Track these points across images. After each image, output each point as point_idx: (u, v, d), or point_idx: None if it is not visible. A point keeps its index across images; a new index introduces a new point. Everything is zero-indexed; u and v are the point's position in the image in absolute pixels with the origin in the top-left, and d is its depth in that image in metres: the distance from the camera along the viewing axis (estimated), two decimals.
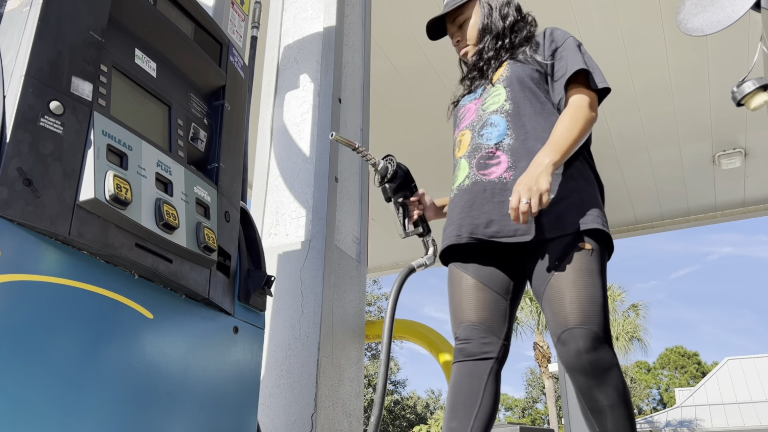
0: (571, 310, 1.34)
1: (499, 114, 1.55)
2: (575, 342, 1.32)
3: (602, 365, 1.32)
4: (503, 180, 1.47)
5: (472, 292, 1.50)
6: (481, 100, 1.64)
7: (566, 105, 1.51)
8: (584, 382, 1.32)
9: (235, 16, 1.90)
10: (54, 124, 1.05)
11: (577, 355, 1.32)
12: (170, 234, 1.22)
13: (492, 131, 1.54)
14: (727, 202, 5.92)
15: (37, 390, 0.97)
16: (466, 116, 1.66)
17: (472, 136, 1.59)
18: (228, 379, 1.40)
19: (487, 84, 1.65)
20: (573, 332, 1.32)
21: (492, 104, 1.59)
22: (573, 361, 1.33)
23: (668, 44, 3.98)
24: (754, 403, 19.32)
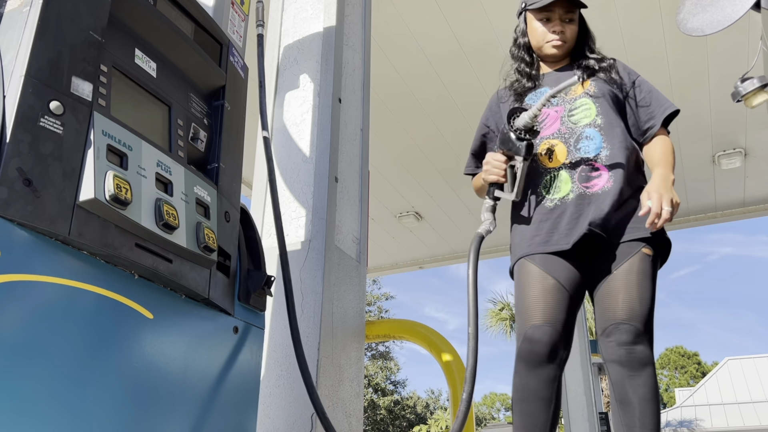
0: (621, 307, 1.46)
1: (592, 128, 1.65)
2: (618, 334, 1.44)
3: (638, 359, 1.43)
4: (606, 190, 1.59)
5: (552, 291, 1.53)
6: (563, 108, 1.69)
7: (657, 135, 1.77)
8: (619, 372, 1.44)
9: (235, 16, 1.90)
10: (54, 124, 1.05)
11: (617, 345, 1.44)
12: (170, 234, 1.22)
13: (589, 145, 1.63)
14: (727, 202, 5.92)
15: (36, 390, 0.97)
16: (548, 123, 1.69)
17: (567, 149, 1.64)
18: (228, 379, 1.40)
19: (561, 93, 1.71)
20: (619, 326, 1.45)
21: (584, 118, 1.67)
22: (612, 352, 1.45)
23: (668, 44, 3.99)
24: (754, 403, 19.32)
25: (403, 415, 27.78)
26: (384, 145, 4.90)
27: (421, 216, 6.11)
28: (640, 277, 1.48)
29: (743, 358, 21.75)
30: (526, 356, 1.48)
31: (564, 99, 1.71)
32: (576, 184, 1.60)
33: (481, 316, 7.63)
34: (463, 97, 4.44)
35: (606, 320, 1.47)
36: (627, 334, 1.43)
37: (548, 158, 1.66)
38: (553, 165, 1.65)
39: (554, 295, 1.51)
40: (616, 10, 3.73)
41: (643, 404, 1.41)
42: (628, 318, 1.44)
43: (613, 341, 1.44)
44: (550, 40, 1.78)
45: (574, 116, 1.67)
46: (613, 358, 1.44)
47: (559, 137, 1.66)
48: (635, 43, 3.98)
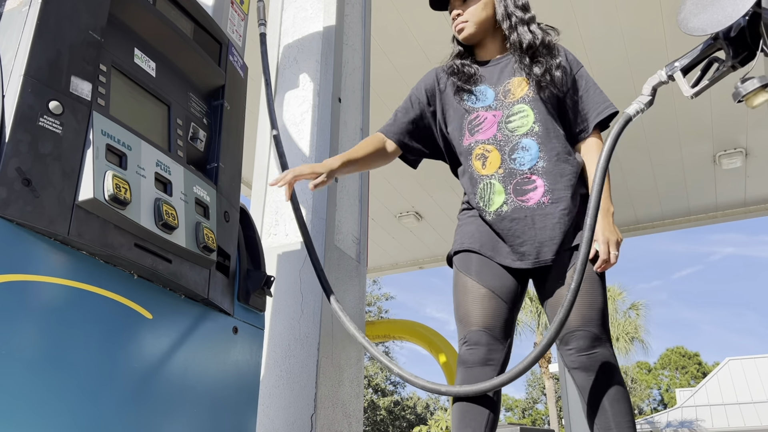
0: (574, 314, 1.45)
1: (529, 137, 1.59)
2: (575, 341, 1.45)
3: (600, 363, 1.44)
4: (542, 204, 1.54)
5: (485, 300, 1.53)
6: (501, 114, 1.62)
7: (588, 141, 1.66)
8: (584, 378, 1.44)
9: (234, 16, 1.90)
10: (53, 123, 1.05)
11: (577, 353, 1.45)
12: (169, 234, 1.22)
13: (525, 156, 1.58)
14: (728, 202, 5.91)
15: (35, 389, 0.96)
16: (485, 127, 1.63)
17: (501, 158, 1.59)
18: (227, 380, 1.39)
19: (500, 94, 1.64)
20: (574, 334, 1.45)
21: (521, 126, 1.60)
22: (573, 360, 1.45)
23: (669, 44, 3.98)
24: (755, 404, 19.31)
25: (403, 415, 27.78)
26: None
27: (421, 216, 6.11)
28: (587, 283, 1.48)
29: (744, 359, 21.73)
30: (465, 359, 1.50)
31: (503, 103, 1.63)
32: (510, 196, 1.55)
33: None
34: None
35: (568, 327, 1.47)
36: (584, 340, 1.44)
37: (481, 165, 1.61)
38: (486, 172, 1.59)
39: (489, 302, 1.53)
40: (616, 10, 3.73)
41: (615, 405, 1.42)
42: (582, 324, 1.45)
43: (572, 349, 1.45)
44: (456, 28, 1.74)
45: (511, 123, 1.60)
46: (575, 365, 1.45)
47: (494, 143, 1.60)
48: (635, 43, 3.97)
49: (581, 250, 1.33)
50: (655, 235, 9.35)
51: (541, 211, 1.53)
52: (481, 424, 1.46)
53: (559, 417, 19.96)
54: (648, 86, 1.49)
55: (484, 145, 1.61)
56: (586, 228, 1.34)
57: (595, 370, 1.43)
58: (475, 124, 1.66)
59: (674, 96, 4.42)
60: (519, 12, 1.67)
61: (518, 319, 19.77)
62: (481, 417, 1.46)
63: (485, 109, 1.64)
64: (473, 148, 1.63)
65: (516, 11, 1.67)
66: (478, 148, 1.62)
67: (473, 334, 1.51)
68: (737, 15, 1.28)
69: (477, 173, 1.61)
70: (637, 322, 20.98)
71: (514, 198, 1.55)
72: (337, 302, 1.60)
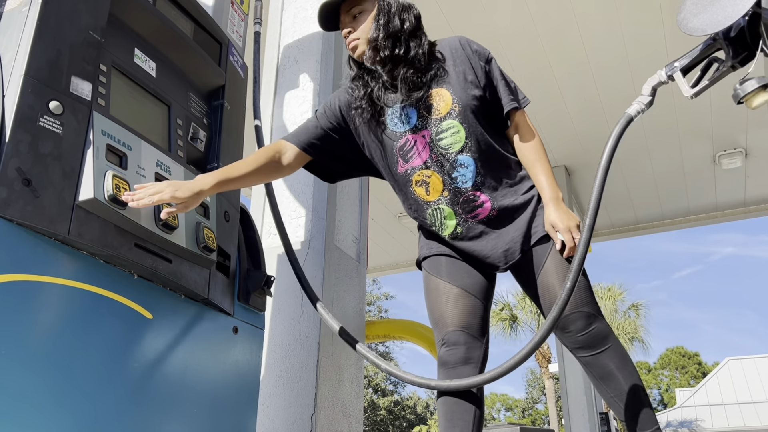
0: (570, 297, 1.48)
1: (465, 153, 1.53)
2: (573, 324, 1.47)
3: (600, 336, 1.48)
4: (491, 216, 1.54)
5: (459, 300, 1.54)
6: (429, 133, 1.54)
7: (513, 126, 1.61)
8: (589, 355, 1.48)
9: (234, 16, 1.90)
10: (53, 123, 1.05)
11: (576, 334, 1.48)
12: (170, 234, 1.22)
13: (465, 173, 1.53)
14: (728, 202, 5.91)
15: (35, 389, 0.97)
16: (416, 152, 1.55)
17: (443, 179, 1.53)
18: (227, 379, 1.39)
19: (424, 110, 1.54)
20: (569, 317, 1.48)
21: (454, 143, 1.53)
22: (575, 341, 1.49)
23: (669, 44, 3.98)
24: (755, 404, 19.31)
25: (403, 415, 27.77)
26: None
27: None
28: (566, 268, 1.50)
29: (744, 359, 21.73)
30: (446, 359, 1.51)
31: (429, 120, 1.53)
32: (461, 216, 1.53)
33: None
34: None
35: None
36: (581, 321, 1.48)
37: (425, 191, 1.55)
38: (431, 198, 1.54)
39: (464, 301, 1.54)
40: (616, 10, 3.73)
41: (623, 370, 1.47)
42: (575, 307, 1.48)
43: (571, 332, 1.48)
44: (349, 46, 1.60)
45: (442, 140, 1.53)
46: (578, 345, 1.49)
47: (432, 166, 1.53)
48: (635, 43, 3.97)
49: (578, 250, 1.34)
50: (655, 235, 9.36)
51: (494, 222, 1.54)
52: (468, 422, 1.47)
53: (559, 417, 19.96)
54: (648, 86, 1.49)
55: (422, 170, 1.54)
56: (585, 229, 1.35)
57: (597, 345, 1.48)
58: (404, 150, 1.56)
59: (674, 96, 4.42)
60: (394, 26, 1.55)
61: (518, 319, 19.80)
62: (467, 415, 1.48)
63: (412, 134, 1.55)
64: (410, 175, 1.56)
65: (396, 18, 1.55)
66: (416, 175, 1.55)
67: (451, 335, 1.52)
68: (737, 15, 1.28)
69: (422, 200, 1.56)
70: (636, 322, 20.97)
71: (465, 217, 1.54)
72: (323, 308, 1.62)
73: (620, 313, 21.16)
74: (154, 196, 1.21)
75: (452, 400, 1.49)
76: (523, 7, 3.73)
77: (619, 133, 1.41)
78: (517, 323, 19.82)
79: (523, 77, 4.19)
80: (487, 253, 1.54)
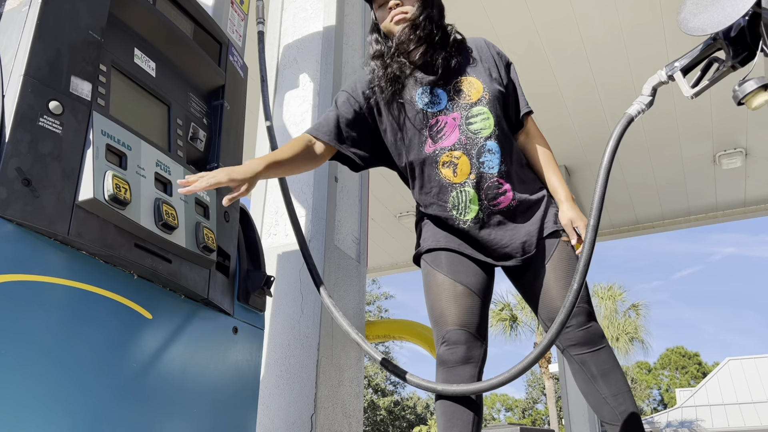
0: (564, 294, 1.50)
1: (493, 140, 1.57)
2: (575, 318, 1.49)
3: (597, 334, 1.51)
4: (511, 207, 1.57)
5: (460, 298, 1.53)
6: (459, 116, 1.57)
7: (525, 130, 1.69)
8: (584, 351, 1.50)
9: (234, 16, 1.90)
10: (53, 123, 1.05)
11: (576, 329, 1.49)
12: (169, 234, 1.22)
13: (492, 159, 1.57)
14: (728, 202, 5.91)
15: (36, 389, 0.96)
16: (446, 133, 1.59)
17: (470, 162, 1.55)
18: (227, 380, 1.39)
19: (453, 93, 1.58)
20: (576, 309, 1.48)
21: (484, 129, 1.57)
22: (573, 336, 1.50)
23: (669, 44, 3.98)
24: (755, 404, 19.31)
25: (403, 415, 27.77)
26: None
27: None
28: (571, 263, 1.54)
29: (744, 359, 21.73)
30: (446, 359, 1.50)
31: (459, 104, 1.57)
32: (484, 202, 1.54)
33: None
34: None
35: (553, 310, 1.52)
36: (581, 316, 1.50)
37: (452, 173, 1.56)
38: (458, 180, 1.55)
39: (465, 300, 1.53)
40: (616, 11, 3.73)
41: (618, 370, 1.50)
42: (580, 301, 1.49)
43: (570, 327, 1.50)
44: (393, 20, 1.60)
45: (473, 125, 1.57)
46: (575, 341, 1.50)
47: (460, 148, 1.55)
48: (635, 43, 3.97)
49: (584, 252, 1.34)
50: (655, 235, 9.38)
51: (512, 214, 1.56)
52: (467, 423, 1.47)
53: (559, 417, 19.96)
54: (648, 86, 1.49)
55: (451, 152, 1.56)
56: (590, 229, 1.35)
57: (595, 343, 1.49)
58: (434, 129, 1.59)
59: (674, 96, 4.42)
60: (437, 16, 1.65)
61: (518, 320, 19.80)
62: (466, 415, 1.48)
63: (445, 115, 1.58)
64: (439, 156, 1.57)
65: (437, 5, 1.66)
66: (444, 155, 1.57)
67: (452, 334, 1.51)
68: (737, 15, 1.28)
69: (447, 181, 1.56)
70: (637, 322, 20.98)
71: (487, 204, 1.55)
72: (329, 298, 1.59)
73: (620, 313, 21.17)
74: (211, 179, 1.26)
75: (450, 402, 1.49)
76: (523, 7, 3.73)
77: (620, 134, 1.41)
78: (517, 323, 19.82)
79: (523, 77, 4.18)
80: (506, 243, 1.55)
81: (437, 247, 1.59)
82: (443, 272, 1.56)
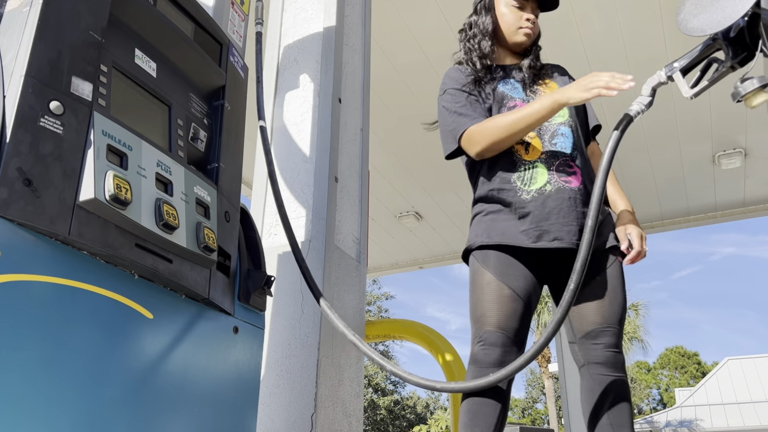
0: (610, 311, 1.51)
1: (566, 126, 1.69)
2: (607, 337, 1.49)
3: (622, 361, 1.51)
4: (580, 189, 1.61)
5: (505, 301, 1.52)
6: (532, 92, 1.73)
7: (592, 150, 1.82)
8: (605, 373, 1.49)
9: (235, 16, 1.90)
10: (54, 124, 1.05)
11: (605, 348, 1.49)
12: (170, 234, 1.22)
13: (565, 141, 1.66)
14: (728, 202, 5.91)
15: (36, 389, 0.97)
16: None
17: (542, 143, 1.65)
18: (228, 379, 1.40)
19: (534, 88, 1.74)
20: (607, 330, 1.49)
21: (557, 116, 1.70)
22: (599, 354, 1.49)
23: (668, 44, 3.98)
24: (754, 403, 19.32)
25: (403, 415, 27.78)
26: (384, 145, 4.90)
27: (421, 216, 6.11)
28: (621, 285, 1.56)
29: (743, 358, 21.74)
30: (480, 359, 1.49)
31: (534, 92, 1.73)
32: (553, 175, 1.60)
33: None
34: None
35: (591, 323, 1.51)
36: (614, 337, 1.50)
37: (525, 150, 1.65)
38: (529, 158, 1.64)
39: (509, 304, 1.52)
40: (616, 11, 3.73)
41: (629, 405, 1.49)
42: (616, 322, 1.50)
43: (600, 344, 1.49)
44: (523, 26, 1.76)
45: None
46: (599, 360, 1.49)
47: (535, 130, 1.66)
48: (635, 43, 3.98)
49: (581, 252, 1.33)
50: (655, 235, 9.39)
51: (581, 195, 1.60)
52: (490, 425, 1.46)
53: (558, 417, 19.96)
54: (647, 87, 1.50)
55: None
56: (588, 230, 1.34)
57: (618, 368, 1.49)
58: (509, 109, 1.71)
59: (674, 96, 4.42)
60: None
61: None
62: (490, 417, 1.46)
63: (521, 100, 1.71)
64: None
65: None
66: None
67: (490, 335, 1.49)
68: (736, 15, 1.28)
69: (518, 156, 1.65)
70: (636, 322, 20.99)
71: (557, 178, 1.60)
72: (327, 304, 1.59)
73: None
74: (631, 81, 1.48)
75: (477, 400, 1.47)
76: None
77: (620, 135, 1.42)
78: None
79: None
80: (564, 221, 1.56)
81: (489, 244, 1.58)
82: (491, 272, 1.55)
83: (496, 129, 1.59)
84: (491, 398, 1.47)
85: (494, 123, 1.60)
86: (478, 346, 1.51)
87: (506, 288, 1.53)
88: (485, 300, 1.53)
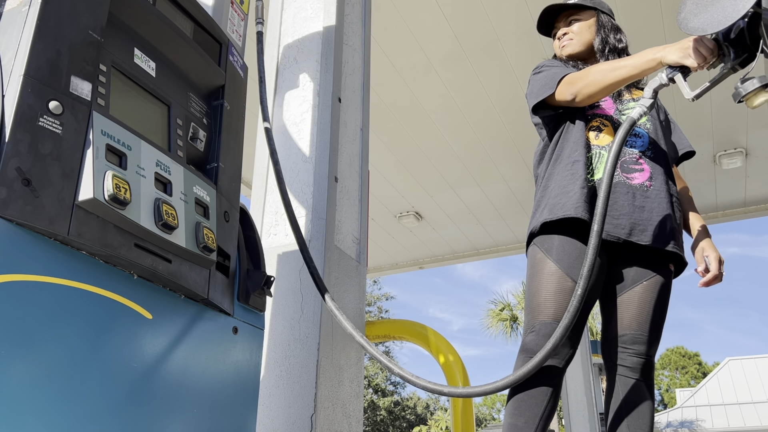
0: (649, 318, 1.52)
1: (642, 127, 1.70)
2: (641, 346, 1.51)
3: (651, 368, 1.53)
4: (644, 186, 1.62)
5: (565, 294, 1.51)
6: (615, 105, 1.76)
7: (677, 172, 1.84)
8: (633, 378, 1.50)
9: (234, 16, 1.90)
10: (53, 123, 1.05)
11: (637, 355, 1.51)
12: (169, 234, 1.22)
13: (637, 140, 1.68)
14: (728, 202, 5.91)
15: (36, 390, 0.96)
16: (604, 107, 1.74)
17: (615, 132, 1.67)
18: (227, 380, 1.39)
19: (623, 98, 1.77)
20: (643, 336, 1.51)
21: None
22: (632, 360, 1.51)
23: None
24: (755, 404, 19.31)
25: (403, 415, 27.78)
26: (384, 145, 4.90)
27: (421, 216, 6.11)
28: (667, 294, 1.56)
29: (744, 359, 21.73)
30: (530, 348, 1.47)
31: (617, 100, 1.77)
32: (618, 170, 1.63)
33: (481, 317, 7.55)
34: (463, 97, 4.43)
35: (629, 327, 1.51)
36: (648, 347, 1.50)
37: (595, 136, 1.68)
38: (599, 143, 1.67)
39: (568, 297, 1.49)
40: (616, 10, 3.72)
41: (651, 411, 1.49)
42: (654, 330, 1.51)
43: (633, 350, 1.50)
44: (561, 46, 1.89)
45: (625, 110, 1.74)
46: (629, 364, 1.50)
47: (610, 120, 1.71)
48: (635, 43, 3.97)
49: (588, 257, 1.32)
50: None
51: (643, 192, 1.60)
52: (536, 415, 1.42)
53: (559, 417, 19.96)
54: (649, 89, 1.51)
55: (602, 118, 1.71)
56: (594, 234, 1.33)
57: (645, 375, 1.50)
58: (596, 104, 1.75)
59: (674, 96, 4.42)
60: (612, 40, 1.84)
61: (519, 320, 19.77)
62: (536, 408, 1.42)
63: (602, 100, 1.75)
64: (591, 119, 1.71)
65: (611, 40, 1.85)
66: (595, 120, 1.71)
67: (544, 326, 1.47)
68: (737, 15, 1.28)
69: (588, 141, 1.68)
70: None
71: (620, 173, 1.61)
72: (333, 302, 1.59)
73: None
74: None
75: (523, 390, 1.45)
76: (523, 8, 3.73)
77: (623, 137, 1.42)
78: (518, 324, 19.80)
79: (524, 78, 4.20)
80: (620, 212, 1.57)
81: (553, 219, 1.55)
82: (554, 260, 1.54)
83: (597, 73, 1.62)
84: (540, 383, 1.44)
85: (595, 68, 1.65)
86: (531, 335, 1.48)
87: (569, 281, 1.50)
88: (544, 291, 1.51)
